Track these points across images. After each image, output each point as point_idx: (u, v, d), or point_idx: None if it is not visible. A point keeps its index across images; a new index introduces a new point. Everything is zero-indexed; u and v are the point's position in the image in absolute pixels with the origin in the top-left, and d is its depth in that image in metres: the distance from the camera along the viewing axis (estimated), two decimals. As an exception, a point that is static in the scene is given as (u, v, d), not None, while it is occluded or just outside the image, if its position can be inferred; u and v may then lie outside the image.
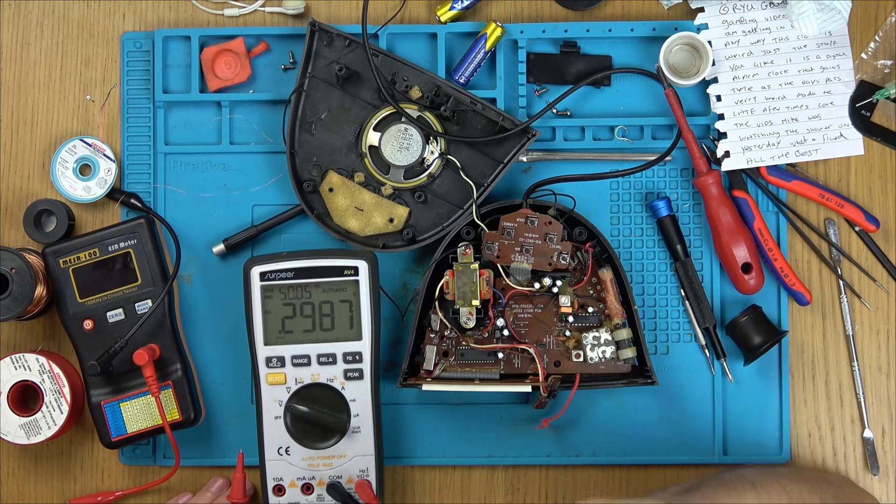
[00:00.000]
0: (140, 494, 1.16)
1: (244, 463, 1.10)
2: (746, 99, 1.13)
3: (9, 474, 1.17)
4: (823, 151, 1.13)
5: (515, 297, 1.11)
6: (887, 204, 1.15)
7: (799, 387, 1.15)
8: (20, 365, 1.12)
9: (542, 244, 1.09)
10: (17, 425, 1.11)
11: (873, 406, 1.14)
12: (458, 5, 1.15)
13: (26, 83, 1.18)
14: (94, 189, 1.15)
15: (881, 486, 1.14)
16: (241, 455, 1.09)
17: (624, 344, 1.10)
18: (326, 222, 1.13)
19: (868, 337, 1.15)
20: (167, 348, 1.12)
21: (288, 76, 1.16)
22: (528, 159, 1.15)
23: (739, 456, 1.14)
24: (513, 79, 1.15)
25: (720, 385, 1.14)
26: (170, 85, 1.17)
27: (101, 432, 1.12)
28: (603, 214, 1.15)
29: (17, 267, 1.09)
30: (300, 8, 1.17)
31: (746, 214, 1.12)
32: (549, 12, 1.17)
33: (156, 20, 1.18)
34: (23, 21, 1.18)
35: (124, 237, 1.12)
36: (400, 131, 1.12)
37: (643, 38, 1.15)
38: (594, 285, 1.12)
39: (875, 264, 1.15)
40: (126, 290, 1.12)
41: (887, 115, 1.14)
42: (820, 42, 1.13)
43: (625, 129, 1.15)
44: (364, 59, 1.11)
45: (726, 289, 1.14)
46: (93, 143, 1.15)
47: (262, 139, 1.16)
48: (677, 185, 1.15)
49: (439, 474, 1.16)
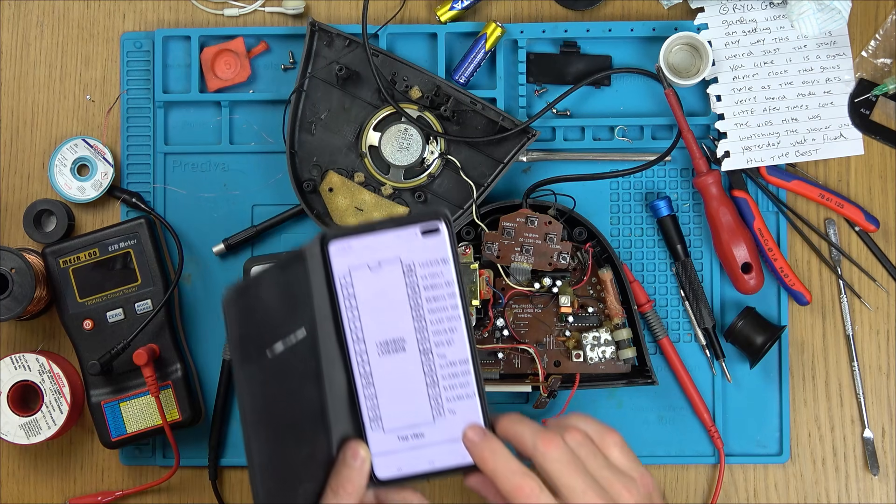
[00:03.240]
0: (140, 494, 1.16)
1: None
2: (746, 99, 1.13)
3: (9, 474, 1.17)
4: (823, 151, 1.13)
5: (515, 297, 1.11)
6: (887, 204, 1.15)
7: (799, 387, 1.15)
8: (20, 365, 1.12)
9: (542, 244, 1.09)
10: (17, 425, 1.11)
11: (873, 406, 1.14)
12: (458, 5, 1.15)
13: (26, 83, 1.18)
14: (88, 190, 1.15)
15: (881, 486, 1.14)
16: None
17: (624, 344, 1.10)
18: (326, 222, 1.13)
19: (868, 337, 1.15)
20: (167, 348, 1.12)
21: (288, 76, 1.16)
22: (528, 159, 1.15)
23: (739, 456, 1.14)
24: (513, 79, 1.15)
25: (720, 385, 1.14)
26: (170, 85, 1.17)
27: (101, 432, 1.12)
28: (603, 214, 1.15)
29: (17, 267, 1.09)
30: (300, 8, 1.17)
31: (746, 214, 1.12)
32: (549, 12, 1.17)
33: (156, 20, 1.18)
34: (23, 21, 1.18)
35: (124, 237, 1.12)
36: (400, 131, 1.12)
37: (643, 38, 1.15)
38: (594, 285, 1.12)
39: (875, 264, 1.15)
40: (126, 290, 1.12)
41: (887, 113, 1.14)
42: (820, 42, 1.13)
43: (625, 129, 1.15)
44: (364, 59, 1.11)
45: (726, 289, 1.14)
46: (94, 144, 1.15)
47: (262, 139, 1.16)
48: (677, 185, 1.15)
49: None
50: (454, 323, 0.89)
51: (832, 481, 1.14)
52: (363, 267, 0.90)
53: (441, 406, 0.90)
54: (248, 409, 0.86)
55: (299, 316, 0.89)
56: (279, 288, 0.88)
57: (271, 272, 0.87)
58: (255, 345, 0.86)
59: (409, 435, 0.90)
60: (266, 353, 0.87)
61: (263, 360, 0.86)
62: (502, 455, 0.87)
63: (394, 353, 0.90)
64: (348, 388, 0.91)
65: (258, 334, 0.87)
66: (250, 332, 0.86)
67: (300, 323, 0.89)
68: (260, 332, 0.87)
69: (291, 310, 0.88)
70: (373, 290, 0.90)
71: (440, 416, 0.90)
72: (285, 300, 0.88)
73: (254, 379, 0.86)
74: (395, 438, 0.90)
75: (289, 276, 0.88)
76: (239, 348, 0.86)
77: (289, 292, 0.88)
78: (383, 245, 0.89)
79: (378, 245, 0.90)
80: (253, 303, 0.86)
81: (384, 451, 0.91)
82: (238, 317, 0.85)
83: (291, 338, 0.88)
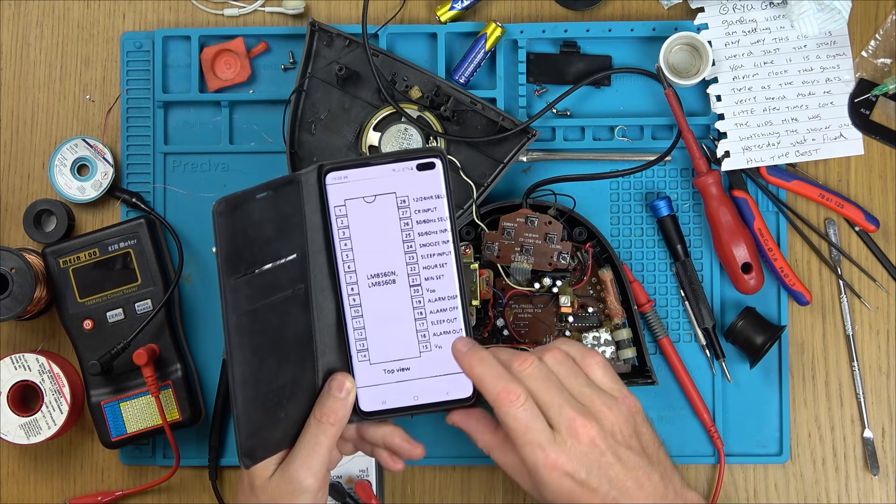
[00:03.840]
0: (140, 494, 1.16)
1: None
2: (746, 99, 1.13)
3: (9, 474, 1.17)
4: (823, 151, 1.13)
5: (515, 297, 1.11)
6: (887, 204, 1.15)
7: (799, 387, 1.15)
8: (20, 365, 1.12)
9: (542, 244, 1.09)
10: (17, 425, 1.11)
11: (873, 406, 1.14)
12: (458, 5, 1.15)
13: (26, 83, 1.18)
14: (88, 190, 1.15)
15: (881, 486, 1.14)
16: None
17: (624, 344, 1.10)
18: (326, 222, 1.13)
19: (868, 337, 1.15)
20: (167, 348, 1.12)
21: (288, 76, 1.16)
22: (528, 159, 1.15)
23: (739, 456, 1.14)
24: (513, 79, 1.15)
25: (720, 385, 1.14)
26: (170, 85, 1.17)
27: (101, 432, 1.12)
28: (603, 214, 1.15)
29: (17, 267, 1.09)
30: (300, 8, 1.17)
31: (746, 214, 1.12)
32: (549, 12, 1.17)
33: (156, 20, 1.18)
34: (23, 21, 1.18)
35: (124, 237, 1.12)
36: (400, 131, 1.12)
37: (643, 38, 1.15)
38: (594, 285, 1.12)
39: (875, 264, 1.15)
40: (126, 290, 1.12)
41: (887, 113, 1.14)
42: (820, 42, 1.13)
43: (625, 129, 1.15)
44: (364, 59, 1.11)
45: (726, 289, 1.14)
46: (94, 144, 1.15)
47: (262, 139, 1.16)
48: (677, 185, 1.15)
49: (439, 474, 1.16)
50: (445, 258, 0.90)
51: (832, 481, 1.14)
52: (358, 198, 0.90)
53: (428, 341, 0.91)
54: (231, 322, 0.86)
55: (291, 240, 0.89)
56: (271, 211, 0.88)
57: (264, 193, 0.88)
58: (244, 261, 0.87)
59: (395, 368, 0.91)
60: (254, 269, 0.87)
61: (250, 275, 0.87)
62: (490, 363, 0.87)
63: (384, 285, 0.91)
64: (337, 319, 0.91)
65: (248, 251, 0.87)
66: (239, 247, 0.87)
67: (292, 248, 0.89)
68: (250, 250, 0.87)
69: (283, 233, 0.89)
70: (367, 221, 0.91)
71: (427, 351, 0.91)
72: (277, 223, 0.89)
73: (239, 292, 0.86)
74: (382, 371, 0.91)
75: (281, 201, 0.89)
76: (226, 262, 0.86)
77: (281, 216, 0.89)
78: (379, 177, 0.90)
79: (374, 177, 0.90)
80: (244, 220, 0.87)
81: (370, 384, 0.91)
82: (228, 232, 0.86)
83: (281, 260, 0.89)
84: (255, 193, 0.88)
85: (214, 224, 0.85)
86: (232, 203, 0.86)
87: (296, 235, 0.89)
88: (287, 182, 0.89)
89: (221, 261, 0.86)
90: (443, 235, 0.90)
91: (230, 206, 0.86)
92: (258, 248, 0.88)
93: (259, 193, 0.88)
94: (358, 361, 0.91)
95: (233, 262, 0.86)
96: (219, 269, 0.86)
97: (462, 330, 0.91)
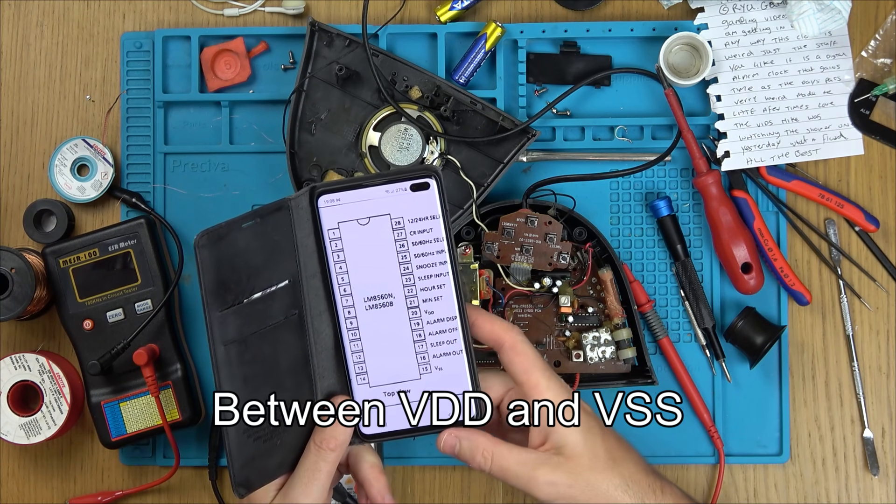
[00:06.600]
0: (140, 494, 1.16)
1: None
2: (746, 99, 1.13)
3: (9, 474, 1.17)
4: (823, 151, 1.13)
5: (515, 297, 1.11)
6: (887, 204, 1.15)
7: (799, 387, 1.15)
8: (20, 365, 1.12)
9: (542, 244, 1.09)
10: (17, 425, 1.11)
11: (873, 406, 1.14)
12: (458, 5, 1.15)
13: (26, 83, 1.18)
14: (88, 190, 1.15)
15: (881, 486, 1.14)
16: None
17: (624, 344, 1.10)
18: (326, 222, 1.13)
19: (868, 337, 1.15)
20: (167, 348, 1.12)
21: (288, 76, 1.16)
22: (528, 159, 1.15)
23: (739, 456, 1.14)
24: (513, 79, 1.15)
25: (720, 385, 1.14)
26: (170, 85, 1.17)
27: (101, 432, 1.12)
28: (603, 214, 1.15)
29: (17, 267, 1.09)
30: (300, 8, 1.17)
31: (746, 214, 1.12)
32: (549, 12, 1.17)
33: (156, 20, 1.18)
34: (23, 21, 1.18)
35: (124, 237, 1.12)
36: (400, 131, 1.12)
37: (643, 38, 1.15)
38: (594, 285, 1.12)
39: (875, 264, 1.15)
40: (126, 290, 1.12)
41: (887, 113, 1.14)
42: (820, 42, 1.13)
43: (625, 129, 1.15)
44: (364, 59, 1.11)
45: (726, 289, 1.14)
46: (94, 144, 1.15)
47: (262, 139, 1.16)
48: (677, 185, 1.15)
49: (439, 474, 1.16)
50: (443, 279, 0.89)
51: (832, 481, 1.14)
52: (352, 220, 0.90)
53: (428, 363, 0.90)
54: (219, 353, 0.85)
55: (281, 267, 0.89)
56: (259, 239, 0.88)
57: (250, 222, 0.87)
58: (231, 292, 0.86)
59: (395, 391, 0.90)
60: (242, 300, 0.87)
61: (238, 306, 0.86)
62: (484, 312, 0.91)
63: (381, 307, 0.90)
64: (335, 343, 0.91)
65: (235, 282, 0.86)
66: (225, 279, 0.86)
67: (282, 275, 0.88)
68: (237, 280, 0.86)
69: (272, 261, 0.88)
70: (361, 243, 0.90)
71: (427, 373, 0.90)
72: (266, 251, 0.88)
73: (227, 324, 0.86)
74: (382, 394, 0.91)
75: (269, 227, 0.88)
76: (212, 295, 0.85)
77: (270, 243, 0.88)
78: (373, 199, 0.90)
79: (368, 199, 0.90)
80: (229, 250, 0.86)
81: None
82: (212, 264, 0.85)
83: (272, 288, 0.88)
84: (241, 223, 0.86)
85: (197, 258, 0.85)
86: (215, 235, 0.85)
87: (286, 261, 0.88)
88: (275, 209, 0.88)
89: (206, 294, 0.85)
90: (440, 256, 0.90)
91: (212, 239, 0.85)
92: (246, 278, 0.87)
93: (245, 223, 0.87)
94: (357, 384, 0.91)
95: (219, 294, 0.85)
96: (203, 302, 0.85)
97: (462, 351, 0.90)
